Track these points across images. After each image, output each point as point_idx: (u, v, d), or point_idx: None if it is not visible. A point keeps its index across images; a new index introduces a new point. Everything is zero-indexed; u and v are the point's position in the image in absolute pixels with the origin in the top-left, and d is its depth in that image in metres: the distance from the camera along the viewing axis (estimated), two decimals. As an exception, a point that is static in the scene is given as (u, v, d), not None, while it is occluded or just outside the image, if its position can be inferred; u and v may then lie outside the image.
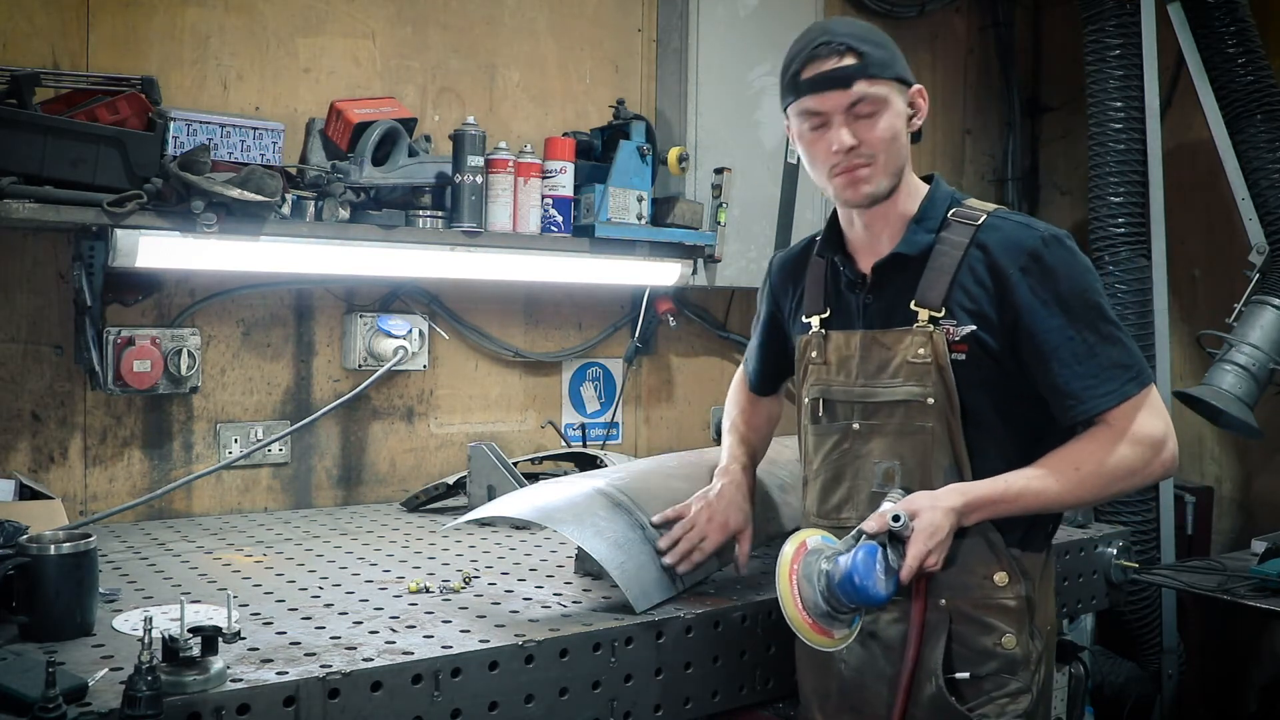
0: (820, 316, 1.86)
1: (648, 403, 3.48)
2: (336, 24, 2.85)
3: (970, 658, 1.71)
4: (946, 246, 1.72)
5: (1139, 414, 1.66)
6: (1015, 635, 1.71)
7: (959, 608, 1.71)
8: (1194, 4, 3.52)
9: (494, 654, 1.65)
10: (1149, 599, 3.61)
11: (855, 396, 1.78)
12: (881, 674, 1.77)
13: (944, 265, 1.71)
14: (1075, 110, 4.16)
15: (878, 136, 1.69)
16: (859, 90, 1.67)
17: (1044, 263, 1.66)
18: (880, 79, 1.68)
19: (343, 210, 2.57)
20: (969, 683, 1.70)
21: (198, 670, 1.42)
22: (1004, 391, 1.70)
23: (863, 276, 1.81)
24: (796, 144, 1.78)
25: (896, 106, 1.71)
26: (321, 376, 2.87)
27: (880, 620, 1.77)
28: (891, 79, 1.70)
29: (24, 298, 2.48)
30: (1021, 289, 1.66)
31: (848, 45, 1.68)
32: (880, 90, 1.68)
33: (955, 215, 1.75)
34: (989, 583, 1.71)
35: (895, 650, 1.74)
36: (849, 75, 1.67)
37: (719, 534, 1.97)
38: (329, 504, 2.88)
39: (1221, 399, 3.32)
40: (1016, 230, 1.70)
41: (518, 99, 3.17)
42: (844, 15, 3.85)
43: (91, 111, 2.26)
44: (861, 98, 1.67)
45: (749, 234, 3.36)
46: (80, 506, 2.53)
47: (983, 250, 1.69)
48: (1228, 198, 3.53)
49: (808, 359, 1.87)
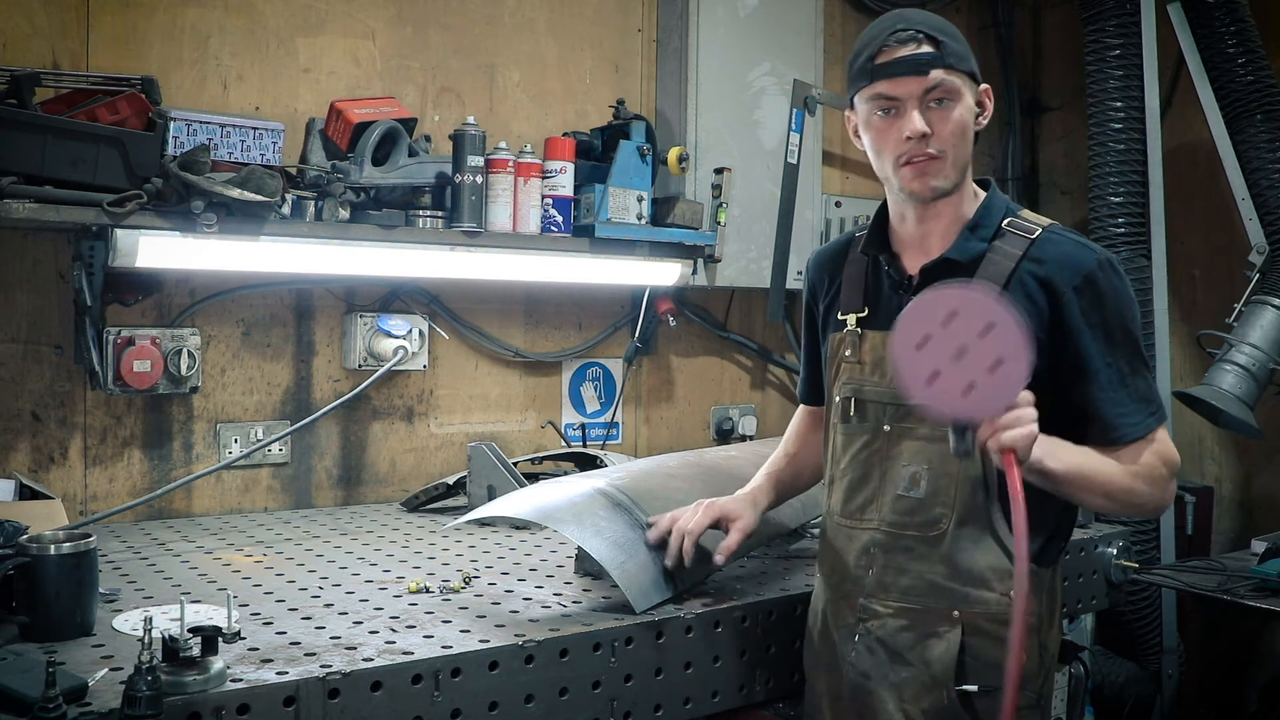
0: (858, 315, 1.83)
1: (648, 403, 3.48)
2: (336, 24, 2.85)
3: (981, 671, 1.69)
4: (999, 256, 1.70)
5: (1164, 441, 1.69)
6: (1027, 650, 1.69)
7: (973, 620, 1.70)
8: (1194, 4, 3.52)
9: (494, 654, 1.65)
10: (1149, 599, 3.61)
11: (888, 398, 1.76)
12: (887, 679, 1.75)
13: (994, 275, 1.69)
14: (1075, 110, 4.16)
15: (950, 128, 1.66)
16: (936, 77, 1.64)
17: (1097, 286, 1.66)
18: (956, 70, 1.67)
19: (343, 210, 2.57)
20: (979, 695, 1.69)
21: (198, 670, 1.42)
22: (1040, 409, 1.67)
23: (909, 278, 1.78)
24: (863, 133, 1.74)
25: (968, 100, 1.69)
26: (321, 376, 2.87)
27: (889, 625, 1.76)
28: (966, 72, 1.69)
29: (24, 298, 2.48)
30: (1073, 309, 1.65)
31: (926, 33, 1.65)
32: (955, 81, 1.66)
33: (1010, 225, 1.73)
34: (1006, 598, 1.68)
35: (901, 657, 1.74)
36: (927, 61, 1.64)
37: (709, 515, 1.92)
38: (329, 504, 2.88)
39: (1221, 399, 3.32)
40: (1074, 249, 1.69)
41: (518, 99, 3.17)
42: (844, 16, 3.86)
43: (91, 111, 2.26)
44: (938, 84, 1.65)
45: (749, 234, 3.36)
46: (80, 506, 2.53)
47: (1037, 264, 1.68)
48: (1228, 198, 3.53)
49: (840, 357, 1.84)
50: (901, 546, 1.75)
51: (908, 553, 1.74)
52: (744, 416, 3.63)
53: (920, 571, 1.72)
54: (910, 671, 1.72)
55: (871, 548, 1.78)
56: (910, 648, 1.73)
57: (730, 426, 3.60)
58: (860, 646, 1.79)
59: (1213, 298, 3.83)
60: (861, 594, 1.79)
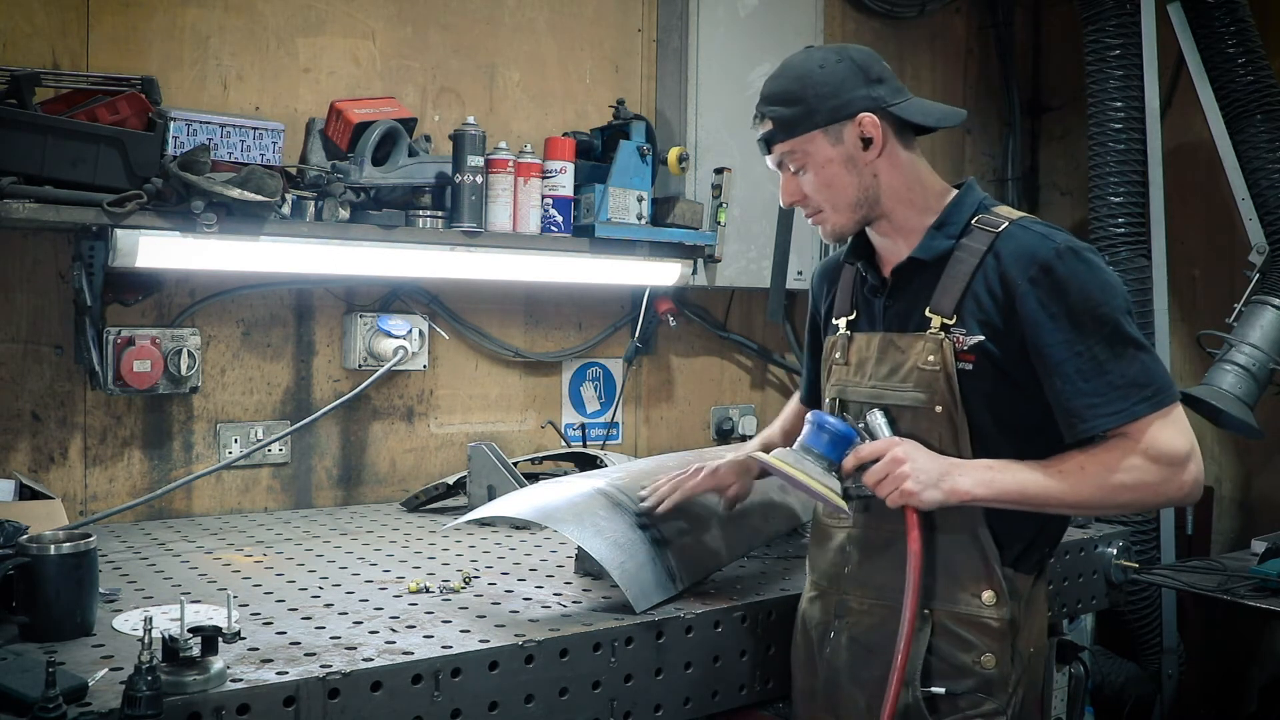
0: (848, 319, 1.87)
1: (648, 403, 3.48)
2: (336, 24, 2.85)
3: (947, 672, 1.70)
4: (964, 254, 1.70)
5: (1156, 431, 1.60)
6: (995, 655, 1.69)
7: (941, 621, 1.70)
8: (1194, 4, 3.52)
9: (494, 654, 1.65)
10: (1149, 599, 3.61)
11: (866, 397, 1.78)
12: (858, 677, 1.77)
13: (960, 272, 1.69)
14: (1075, 110, 4.16)
15: (811, 188, 1.76)
16: (777, 153, 1.76)
17: (1055, 275, 1.62)
18: (792, 138, 1.72)
19: (343, 210, 2.57)
20: (944, 698, 1.69)
21: (198, 670, 1.42)
22: (1009, 406, 1.68)
23: (884, 280, 1.81)
24: None
25: (822, 154, 1.72)
26: (321, 376, 2.87)
27: (863, 623, 1.77)
28: (805, 132, 1.71)
29: (24, 298, 2.48)
30: (1029, 301, 1.62)
31: (763, 113, 1.75)
32: (798, 146, 1.72)
33: (979, 222, 1.72)
34: (976, 600, 1.69)
35: (875, 654, 1.74)
36: (766, 140, 1.76)
37: (709, 481, 2.00)
38: (329, 504, 2.88)
39: (1221, 399, 3.32)
40: (1032, 240, 1.66)
41: (518, 99, 3.17)
42: (843, 17, 3.87)
43: (91, 111, 2.26)
44: (780, 159, 1.76)
45: (749, 234, 3.36)
46: (80, 506, 2.53)
47: (997, 259, 1.67)
48: (1228, 198, 3.53)
49: (832, 359, 1.88)
50: (878, 544, 1.76)
51: (884, 550, 1.75)
52: (744, 416, 3.63)
53: (896, 568, 1.70)
54: (881, 670, 1.71)
55: (848, 545, 1.81)
56: (882, 645, 1.72)
57: (730, 426, 3.60)
58: (835, 644, 1.81)
59: (1213, 298, 3.83)
60: (838, 591, 1.82)
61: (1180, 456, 1.61)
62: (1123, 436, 1.61)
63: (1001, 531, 1.70)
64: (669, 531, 2.00)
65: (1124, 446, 1.61)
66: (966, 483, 1.62)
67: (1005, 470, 1.63)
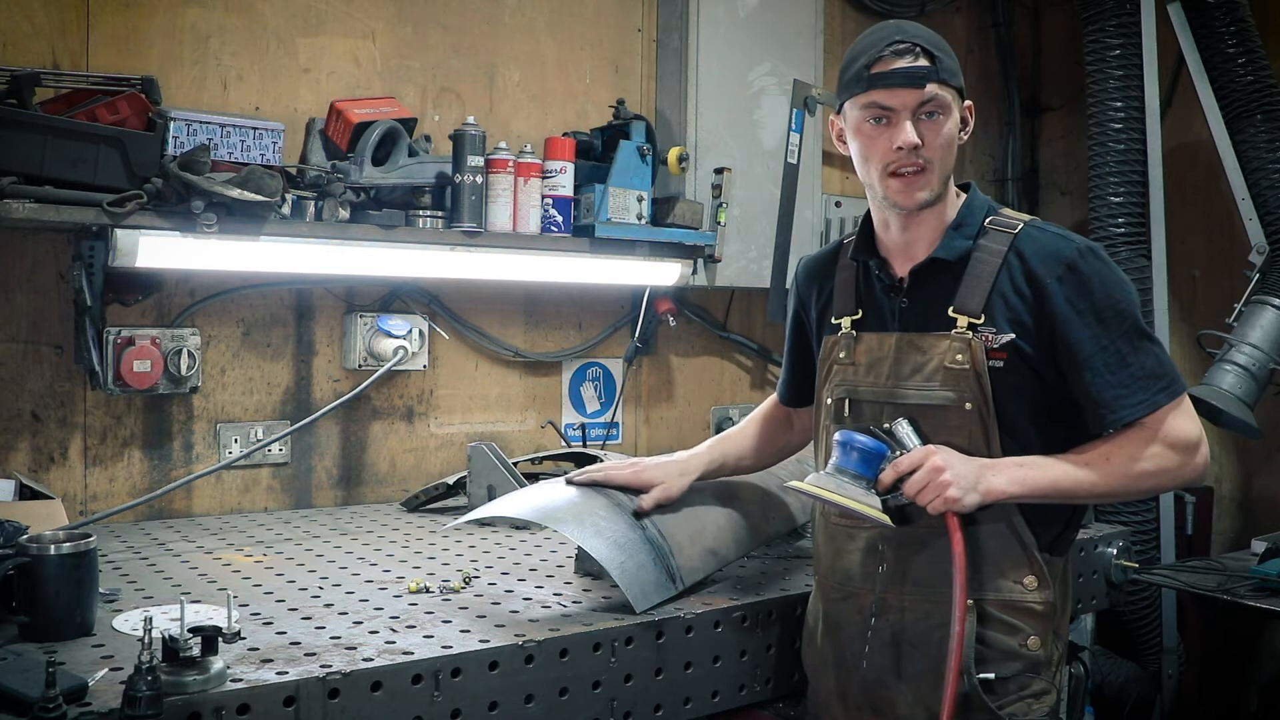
0: (853, 318, 1.86)
1: (648, 403, 3.48)
2: (336, 24, 2.85)
3: (996, 658, 1.72)
4: (985, 254, 1.73)
5: (1172, 419, 1.70)
6: (1040, 637, 1.73)
7: (987, 609, 1.72)
8: (1194, 4, 3.52)
9: (494, 654, 1.65)
10: (1149, 599, 3.61)
11: (883, 398, 1.78)
12: (903, 674, 1.77)
13: (983, 273, 1.72)
14: (1075, 110, 4.16)
15: (940, 140, 1.71)
16: (930, 91, 1.69)
17: (1079, 273, 1.68)
18: (949, 85, 1.71)
19: (343, 210, 2.57)
20: (995, 682, 1.72)
21: (198, 670, 1.42)
22: (1039, 401, 1.72)
23: (899, 280, 1.81)
24: (850, 139, 1.78)
25: (956, 115, 1.74)
26: (321, 376, 2.87)
27: (905, 619, 1.77)
28: (956, 87, 1.73)
29: (24, 298, 2.48)
30: (1058, 298, 1.68)
31: (923, 47, 1.70)
32: (947, 95, 1.71)
33: (992, 223, 1.76)
34: (1019, 586, 1.73)
35: (919, 649, 1.75)
36: (923, 75, 1.68)
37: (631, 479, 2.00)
38: (329, 504, 2.88)
39: (1221, 399, 3.32)
40: (1053, 240, 1.72)
41: (518, 99, 3.17)
42: (843, 16, 3.86)
43: (91, 111, 2.26)
44: (932, 98, 1.69)
45: (749, 234, 3.36)
46: (80, 506, 2.53)
47: (1020, 259, 1.71)
48: (1228, 198, 3.53)
49: (833, 359, 1.87)
50: (913, 541, 1.76)
51: (920, 545, 1.75)
52: (744, 416, 3.62)
53: (935, 562, 1.72)
54: (927, 662, 1.73)
55: (880, 544, 1.80)
56: (925, 639, 1.74)
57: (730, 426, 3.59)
58: (874, 643, 1.80)
59: (1213, 298, 3.83)
60: (873, 591, 1.81)
61: (1194, 442, 1.72)
62: (1141, 426, 1.69)
63: (1034, 519, 1.74)
64: (669, 531, 2.00)
65: (1144, 436, 1.69)
66: (1001, 482, 1.66)
67: (1036, 467, 1.68)
